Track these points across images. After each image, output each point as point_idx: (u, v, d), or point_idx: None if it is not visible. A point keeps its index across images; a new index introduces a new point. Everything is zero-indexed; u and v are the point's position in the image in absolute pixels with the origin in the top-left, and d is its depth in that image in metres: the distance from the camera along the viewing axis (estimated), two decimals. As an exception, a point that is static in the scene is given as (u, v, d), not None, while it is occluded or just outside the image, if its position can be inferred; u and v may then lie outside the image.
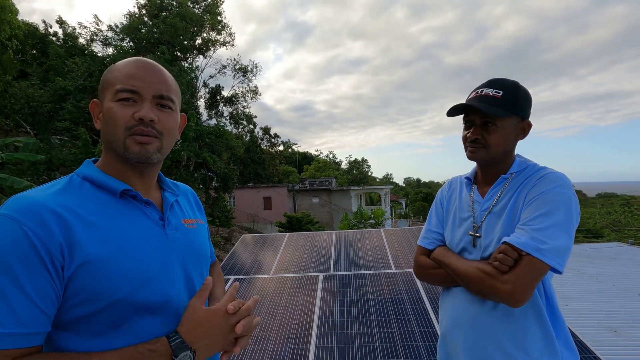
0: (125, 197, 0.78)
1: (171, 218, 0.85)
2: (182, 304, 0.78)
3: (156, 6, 16.68)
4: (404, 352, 2.46)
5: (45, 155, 10.45)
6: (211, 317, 0.76)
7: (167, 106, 0.81)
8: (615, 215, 27.28)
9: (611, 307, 3.76)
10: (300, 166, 43.20)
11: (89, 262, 0.66)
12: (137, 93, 0.76)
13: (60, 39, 16.75)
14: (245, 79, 20.49)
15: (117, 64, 0.81)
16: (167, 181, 0.94)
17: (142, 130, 0.76)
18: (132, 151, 0.76)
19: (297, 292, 3.40)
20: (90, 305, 0.67)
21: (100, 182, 0.76)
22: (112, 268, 0.68)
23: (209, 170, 16.72)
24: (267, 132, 26.09)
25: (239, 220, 22.74)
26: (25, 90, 12.73)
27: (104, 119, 0.77)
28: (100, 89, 0.80)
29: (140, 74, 0.78)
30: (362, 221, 16.97)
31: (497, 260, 0.99)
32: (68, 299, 0.66)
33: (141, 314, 0.71)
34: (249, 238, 5.77)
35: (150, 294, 0.72)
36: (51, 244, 0.64)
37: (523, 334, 1.02)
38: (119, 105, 0.76)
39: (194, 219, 0.94)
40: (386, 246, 4.99)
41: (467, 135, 1.15)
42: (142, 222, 0.78)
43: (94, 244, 0.68)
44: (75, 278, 0.66)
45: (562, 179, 1.04)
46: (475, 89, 1.15)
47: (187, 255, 0.83)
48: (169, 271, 0.77)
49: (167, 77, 0.82)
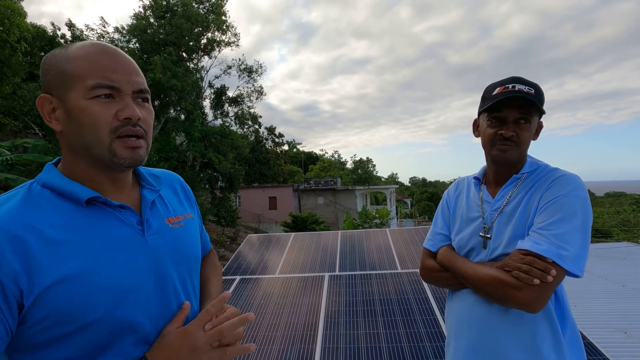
0: (95, 204, 0.68)
1: (152, 220, 0.75)
2: (162, 317, 0.71)
3: (162, 7, 16.79)
4: (411, 353, 2.44)
5: (53, 156, 10.57)
6: (179, 337, 0.68)
7: (146, 100, 0.73)
8: (624, 215, 26.89)
9: (621, 308, 3.71)
10: (305, 166, 43.22)
11: (56, 284, 0.59)
12: (117, 89, 0.66)
13: (68, 41, 16.94)
14: (250, 79, 20.57)
15: (74, 51, 0.67)
16: (145, 175, 0.82)
17: (131, 130, 0.68)
18: (122, 156, 0.67)
19: (302, 292, 3.40)
20: (64, 327, 0.61)
21: (63, 189, 0.67)
22: (84, 287, 0.61)
23: (214, 170, 16.80)
24: (272, 132, 26.16)
25: (245, 220, 22.82)
26: (33, 92, 12.87)
27: (71, 118, 0.66)
28: (57, 81, 0.67)
29: (115, 65, 0.67)
30: (367, 221, 16.93)
31: (521, 270, 0.94)
32: (34, 325, 0.60)
33: (126, 333, 0.65)
34: (255, 238, 5.78)
35: (131, 312, 0.66)
36: (3, 275, 0.57)
37: (532, 335, 1.01)
38: (95, 103, 0.65)
39: (181, 215, 0.84)
40: (392, 246, 4.97)
41: (500, 132, 1.07)
42: (117, 231, 0.69)
43: (60, 264, 0.60)
44: (40, 304, 0.59)
45: (577, 181, 1.02)
46: (500, 84, 1.09)
47: (172, 260, 0.75)
48: (151, 283, 0.70)
49: (137, 67, 0.72)
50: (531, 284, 0.92)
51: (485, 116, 1.12)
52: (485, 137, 1.13)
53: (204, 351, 0.67)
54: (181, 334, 0.68)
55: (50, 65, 0.68)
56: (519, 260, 0.96)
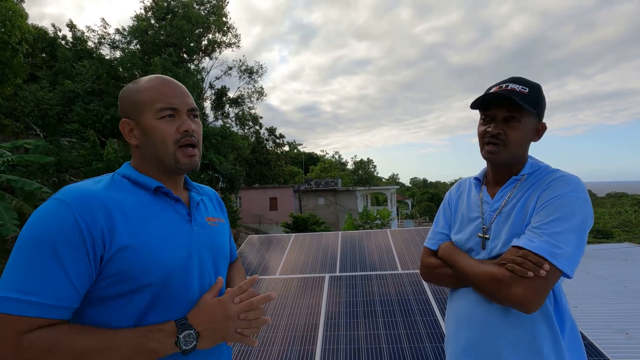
0: (159, 194, 0.88)
1: (197, 215, 0.94)
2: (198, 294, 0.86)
3: (163, 9, 16.83)
4: (411, 354, 2.44)
5: (54, 157, 10.60)
6: (215, 305, 0.84)
7: (196, 116, 0.93)
8: (625, 215, 26.82)
9: (622, 309, 3.70)
10: (306, 167, 43.24)
11: (126, 249, 0.76)
12: (176, 109, 0.88)
13: (69, 43, 16.98)
14: (251, 80, 20.62)
15: (142, 84, 0.89)
16: (192, 183, 1.03)
17: (189, 140, 0.88)
18: (183, 162, 0.88)
19: (303, 293, 3.40)
20: (124, 286, 0.77)
21: (137, 180, 0.87)
22: (144, 255, 0.78)
23: (215, 171, 16.80)
24: (272, 133, 26.17)
25: (245, 221, 22.82)
26: (35, 93, 12.92)
27: (146, 135, 0.87)
28: (131, 108, 0.88)
29: (173, 92, 0.89)
30: (368, 222, 16.91)
31: (515, 263, 0.94)
32: (105, 278, 0.76)
33: (166, 298, 0.81)
34: (255, 239, 5.78)
35: (176, 282, 0.82)
36: (95, 230, 0.73)
37: (531, 337, 1.01)
38: (162, 122, 0.86)
39: (217, 218, 1.03)
40: (392, 246, 4.96)
41: (488, 129, 1.09)
42: (173, 217, 0.88)
43: (131, 233, 0.78)
44: (113, 261, 0.75)
45: (576, 182, 1.02)
46: (497, 83, 1.11)
47: (208, 250, 0.92)
48: (194, 263, 0.87)
49: (188, 91, 0.93)
50: (525, 277, 0.92)
51: (480, 115, 1.15)
52: (478, 135, 1.15)
53: (234, 319, 0.82)
54: (216, 303, 0.84)
55: (126, 97, 0.90)
56: (513, 253, 0.97)
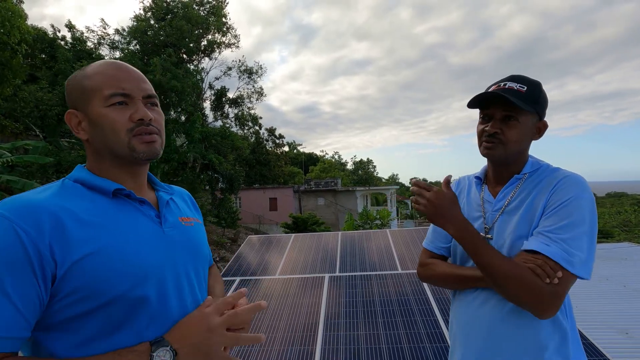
0: (119, 197, 0.77)
1: (168, 215, 0.83)
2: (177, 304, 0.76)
3: (162, 9, 16.84)
4: (411, 354, 2.44)
5: (54, 157, 10.58)
6: (195, 317, 0.74)
7: (155, 104, 0.82)
8: (625, 215, 26.85)
9: (622, 309, 3.70)
10: (305, 167, 43.22)
11: (83, 260, 0.65)
12: (129, 96, 0.77)
13: (69, 43, 16.97)
14: (251, 81, 20.63)
15: (91, 70, 0.78)
16: (159, 182, 0.93)
17: (145, 130, 0.77)
18: (140, 150, 0.77)
19: (303, 293, 3.40)
20: (89, 303, 0.66)
21: (92, 183, 0.76)
22: (109, 264, 0.67)
23: (215, 171, 16.82)
24: (272, 133, 26.18)
25: (245, 221, 22.81)
26: (34, 94, 12.91)
27: (95, 126, 0.76)
28: (78, 97, 0.77)
29: (125, 76, 0.78)
30: (368, 222, 16.91)
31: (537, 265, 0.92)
32: (63, 298, 0.65)
33: (140, 313, 0.70)
34: (255, 239, 5.78)
35: (148, 291, 0.71)
36: (42, 245, 0.63)
37: (537, 337, 1.00)
38: (112, 110, 0.75)
39: (192, 218, 0.92)
40: (392, 247, 4.96)
41: (485, 128, 1.09)
42: (138, 219, 0.77)
43: (90, 242, 0.67)
44: (69, 277, 0.64)
45: (582, 182, 1.02)
46: (496, 82, 1.11)
47: (185, 252, 0.82)
48: (169, 269, 0.76)
49: (144, 76, 0.83)
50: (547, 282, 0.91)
51: (479, 113, 1.15)
52: (477, 133, 1.15)
53: (218, 333, 0.71)
54: (196, 315, 0.74)
55: (72, 85, 0.79)
56: (531, 257, 0.95)
